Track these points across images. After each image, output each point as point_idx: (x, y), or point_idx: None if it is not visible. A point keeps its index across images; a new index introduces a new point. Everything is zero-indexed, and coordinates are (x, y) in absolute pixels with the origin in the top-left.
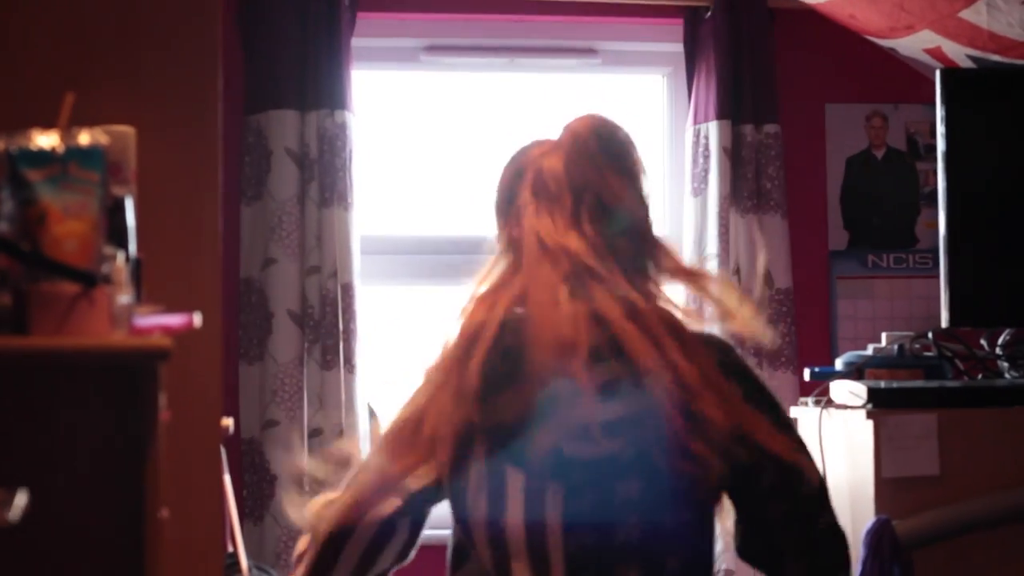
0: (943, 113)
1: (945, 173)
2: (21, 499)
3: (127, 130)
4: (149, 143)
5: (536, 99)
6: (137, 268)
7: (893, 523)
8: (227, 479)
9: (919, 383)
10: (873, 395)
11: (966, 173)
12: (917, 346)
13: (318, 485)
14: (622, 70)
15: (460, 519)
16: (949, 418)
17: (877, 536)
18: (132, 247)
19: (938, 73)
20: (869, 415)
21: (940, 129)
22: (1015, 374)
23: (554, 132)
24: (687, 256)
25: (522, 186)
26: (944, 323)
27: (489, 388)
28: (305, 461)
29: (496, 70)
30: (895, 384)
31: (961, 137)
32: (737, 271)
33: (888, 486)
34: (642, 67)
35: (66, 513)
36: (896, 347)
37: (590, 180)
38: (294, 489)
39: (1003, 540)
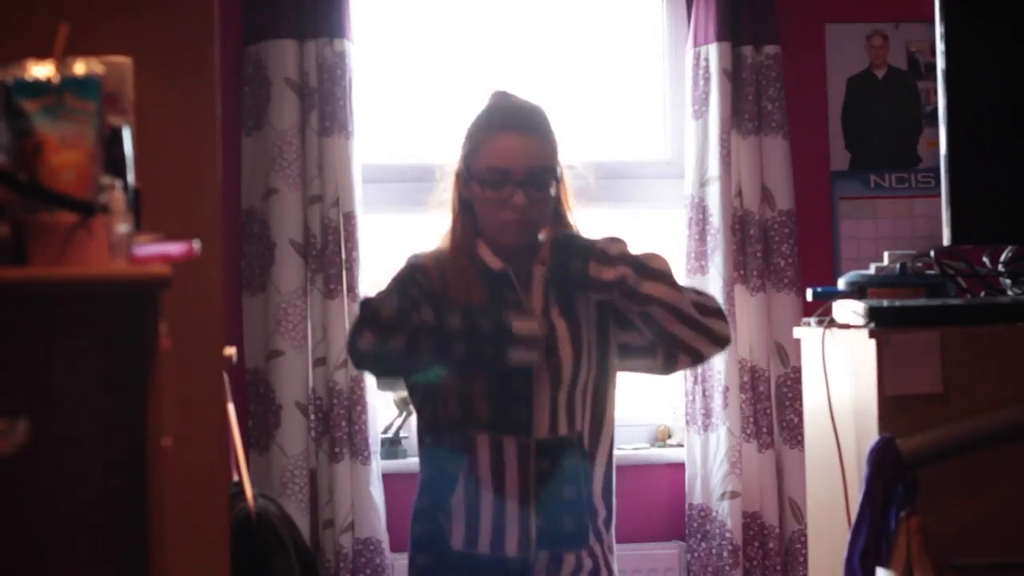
0: (943, 31)
1: (946, 91)
2: (22, 428)
3: (124, 60)
4: (146, 73)
5: (536, 21)
6: (136, 198)
7: (897, 441)
8: (231, 408)
9: (921, 301)
10: (875, 314)
11: (967, 91)
12: (919, 265)
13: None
14: None
15: None
16: (952, 336)
17: (881, 455)
18: (130, 177)
19: None
20: (872, 334)
21: (940, 47)
22: (1017, 291)
23: None
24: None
25: None
26: (946, 241)
27: None
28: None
29: None
30: (897, 303)
31: (961, 55)
32: (739, 193)
33: (891, 405)
34: None
35: (67, 442)
36: (898, 266)
37: None
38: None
39: (1008, 457)
